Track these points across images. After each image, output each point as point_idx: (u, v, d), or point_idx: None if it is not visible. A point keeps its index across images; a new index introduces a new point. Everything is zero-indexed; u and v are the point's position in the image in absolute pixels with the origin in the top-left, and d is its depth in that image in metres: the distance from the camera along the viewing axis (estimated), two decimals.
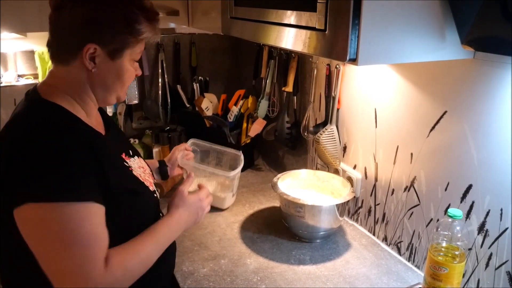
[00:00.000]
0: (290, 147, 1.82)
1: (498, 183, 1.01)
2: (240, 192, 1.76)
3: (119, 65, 0.98)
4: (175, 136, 2.03)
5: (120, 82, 1.01)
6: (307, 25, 0.89)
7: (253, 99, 1.94)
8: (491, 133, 1.01)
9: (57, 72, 0.99)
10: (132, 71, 1.03)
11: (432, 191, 1.19)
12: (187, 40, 2.16)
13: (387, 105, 1.31)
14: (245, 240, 1.42)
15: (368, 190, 1.45)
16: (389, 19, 0.83)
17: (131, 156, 1.11)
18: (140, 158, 1.17)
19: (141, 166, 1.13)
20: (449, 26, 0.89)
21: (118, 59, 0.97)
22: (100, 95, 1.02)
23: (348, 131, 1.50)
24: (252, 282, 1.20)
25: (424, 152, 1.20)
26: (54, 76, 0.99)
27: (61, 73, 0.98)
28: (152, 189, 1.09)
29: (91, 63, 0.95)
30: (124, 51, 0.98)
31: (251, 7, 1.14)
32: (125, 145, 1.15)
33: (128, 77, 1.02)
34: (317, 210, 1.33)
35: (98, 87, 1.00)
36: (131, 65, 1.02)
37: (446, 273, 1.00)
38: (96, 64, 0.96)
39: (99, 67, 0.96)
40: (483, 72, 1.00)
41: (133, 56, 1.01)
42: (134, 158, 1.12)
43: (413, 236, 1.28)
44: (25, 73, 1.90)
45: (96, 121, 1.06)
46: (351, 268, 1.28)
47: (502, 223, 1.01)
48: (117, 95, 1.04)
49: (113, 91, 1.02)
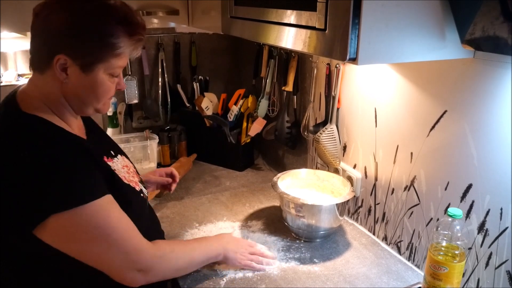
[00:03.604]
0: (290, 146, 1.82)
1: (498, 182, 1.01)
2: (240, 192, 1.76)
3: (91, 79, 0.93)
4: (175, 136, 2.03)
5: (94, 96, 0.97)
6: (307, 25, 0.90)
7: (253, 99, 1.94)
8: (491, 133, 1.01)
9: (35, 80, 0.97)
10: (109, 85, 0.97)
11: (432, 190, 1.19)
12: (187, 39, 2.16)
13: (387, 105, 1.31)
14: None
15: (368, 190, 1.45)
16: (389, 19, 0.83)
17: (113, 156, 1.09)
18: (123, 157, 1.16)
19: (125, 165, 1.12)
20: (449, 26, 0.89)
21: (90, 72, 0.92)
22: (75, 107, 0.99)
23: (348, 130, 1.50)
24: (252, 282, 1.20)
25: (424, 152, 1.20)
26: (32, 83, 0.98)
27: (38, 81, 0.96)
28: (138, 189, 1.09)
29: (63, 74, 0.92)
30: (97, 65, 0.92)
31: (251, 6, 1.14)
32: (106, 146, 1.13)
33: (103, 91, 0.96)
34: (317, 209, 1.33)
35: (72, 98, 0.96)
36: (109, 80, 0.96)
37: (446, 273, 1.00)
38: (68, 75, 0.92)
39: (70, 78, 0.92)
40: (483, 71, 1.00)
41: (109, 71, 0.95)
42: (117, 157, 1.11)
43: (413, 236, 1.28)
44: (25, 72, 1.90)
45: (77, 128, 1.04)
46: (351, 267, 1.28)
47: (502, 223, 1.01)
48: (94, 107, 1.00)
49: (88, 104, 0.98)
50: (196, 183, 1.85)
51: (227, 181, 1.88)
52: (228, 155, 2.01)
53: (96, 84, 0.94)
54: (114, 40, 0.91)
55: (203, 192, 1.76)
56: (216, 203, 1.66)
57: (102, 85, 0.95)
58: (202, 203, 1.66)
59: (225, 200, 1.69)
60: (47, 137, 0.91)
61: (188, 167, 1.92)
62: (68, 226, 0.88)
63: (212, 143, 2.03)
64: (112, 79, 0.97)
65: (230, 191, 1.77)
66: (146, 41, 2.03)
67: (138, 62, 2.06)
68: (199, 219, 1.54)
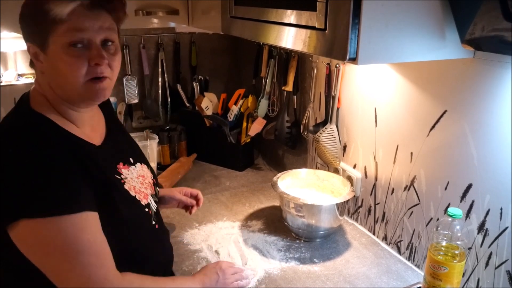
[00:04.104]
0: (290, 146, 1.82)
1: (498, 182, 1.01)
2: (240, 192, 1.76)
3: (52, 57, 0.87)
4: (175, 136, 2.03)
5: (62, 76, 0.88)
6: (307, 25, 0.89)
7: (253, 99, 1.94)
8: (491, 132, 1.01)
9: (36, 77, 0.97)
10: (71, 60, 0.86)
11: (432, 190, 1.19)
12: (187, 39, 2.16)
13: (387, 104, 1.31)
14: (245, 239, 1.42)
15: (368, 190, 1.45)
16: (389, 19, 0.83)
17: (131, 164, 1.06)
18: (143, 166, 1.12)
19: (141, 175, 1.08)
20: (449, 25, 0.89)
21: (48, 50, 0.87)
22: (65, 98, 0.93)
23: (348, 130, 1.50)
24: (252, 282, 1.20)
25: (424, 152, 1.20)
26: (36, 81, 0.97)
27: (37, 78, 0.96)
28: (144, 203, 1.03)
29: (38, 63, 0.90)
30: (47, 39, 0.86)
31: (251, 6, 1.14)
32: (125, 153, 1.08)
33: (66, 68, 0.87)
34: (317, 209, 1.33)
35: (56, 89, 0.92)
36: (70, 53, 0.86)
37: (446, 272, 1.00)
38: (42, 63, 0.89)
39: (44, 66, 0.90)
40: (483, 71, 1.00)
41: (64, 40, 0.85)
42: (135, 166, 1.07)
43: (413, 235, 1.28)
44: (25, 72, 1.90)
45: (91, 129, 1.00)
46: (351, 267, 1.28)
47: (502, 222, 1.01)
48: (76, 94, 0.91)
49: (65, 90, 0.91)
50: (196, 183, 1.85)
51: (227, 181, 1.88)
52: (228, 155, 2.01)
53: (56, 63, 0.87)
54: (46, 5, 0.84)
55: (203, 192, 1.74)
56: (216, 203, 1.66)
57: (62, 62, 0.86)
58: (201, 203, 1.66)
59: (225, 200, 1.69)
60: (41, 139, 0.87)
61: (188, 167, 1.92)
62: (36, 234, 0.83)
63: (212, 143, 2.03)
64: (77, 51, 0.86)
65: (230, 191, 1.77)
66: (146, 41, 2.05)
67: (138, 62, 2.06)
68: (199, 219, 1.54)
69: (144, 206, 1.03)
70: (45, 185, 0.82)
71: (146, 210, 1.04)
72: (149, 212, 1.04)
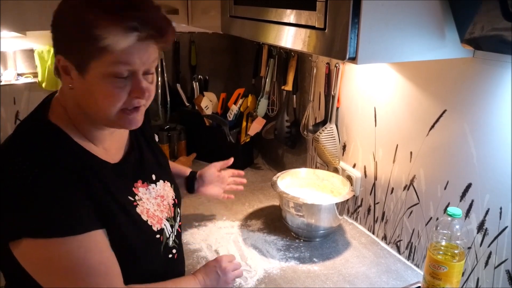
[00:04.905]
0: (290, 146, 1.82)
1: (498, 181, 1.01)
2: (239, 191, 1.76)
3: (89, 82, 0.80)
4: (175, 135, 2.03)
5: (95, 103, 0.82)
6: (306, 24, 0.89)
7: (253, 98, 1.94)
8: (490, 132, 1.01)
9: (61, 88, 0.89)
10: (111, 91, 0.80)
11: (431, 189, 1.19)
12: (187, 39, 2.16)
13: (387, 104, 1.31)
14: (244, 238, 1.42)
15: (367, 189, 1.45)
16: (388, 18, 0.82)
17: (152, 182, 1.00)
18: (165, 184, 1.06)
19: (160, 195, 1.01)
20: (448, 25, 0.89)
21: (86, 74, 0.80)
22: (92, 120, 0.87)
23: (347, 129, 1.50)
24: (251, 281, 1.20)
25: (423, 151, 1.20)
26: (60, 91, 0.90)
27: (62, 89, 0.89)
28: (156, 228, 0.96)
29: (67, 78, 0.82)
30: (89, 64, 0.79)
31: (250, 6, 1.14)
32: (148, 169, 1.02)
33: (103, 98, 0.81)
34: (317, 209, 1.33)
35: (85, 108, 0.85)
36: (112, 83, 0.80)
37: (446, 272, 1.00)
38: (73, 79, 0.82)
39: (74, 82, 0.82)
40: (482, 71, 1.00)
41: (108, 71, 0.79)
42: (155, 184, 1.01)
43: (413, 235, 1.28)
44: (25, 71, 1.90)
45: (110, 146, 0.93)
46: (350, 266, 1.28)
47: (501, 222, 1.01)
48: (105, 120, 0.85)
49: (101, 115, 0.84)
50: None
51: None
52: (227, 155, 2.00)
53: (93, 87, 0.80)
54: (98, 30, 0.75)
55: None
56: (215, 203, 1.66)
57: (101, 90, 0.80)
58: (201, 202, 1.66)
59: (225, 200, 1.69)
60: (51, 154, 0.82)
61: (188, 166, 1.92)
62: (39, 254, 0.79)
63: (212, 143, 2.03)
64: (119, 82, 0.81)
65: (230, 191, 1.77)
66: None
67: None
68: (198, 219, 1.54)
69: (155, 232, 0.96)
70: (49, 206, 0.78)
71: (157, 236, 0.97)
72: (160, 239, 0.97)
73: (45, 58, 1.86)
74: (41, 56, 1.85)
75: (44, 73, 1.86)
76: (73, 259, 0.79)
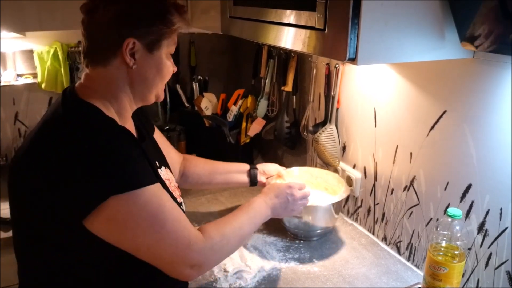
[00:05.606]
0: (290, 146, 1.82)
1: (498, 182, 1.01)
2: (239, 191, 1.76)
3: (157, 57, 0.99)
4: (174, 136, 2.03)
5: (160, 76, 1.01)
6: (306, 25, 0.89)
7: (253, 99, 1.94)
8: (490, 133, 1.01)
9: (95, 75, 0.98)
10: (170, 65, 1.03)
11: (431, 190, 1.19)
12: (186, 39, 2.16)
13: (387, 105, 1.31)
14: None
15: (367, 190, 1.45)
16: (388, 19, 0.82)
17: (157, 167, 1.09)
18: (167, 170, 1.15)
19: (167, 179, 1.11)
20: (448, 26, 0.89)
21: (156, 51, 0.98)
22: (139, 94, 1.02)
23: (347, 130, 1.50)
24: (251, 282, 1.20)
25: (423, 152, 1.20)
26: (90, 78, 0.99)
27: (98, 74, 0.98)
28: (179, 201, 1.08)
29: (132, 59, 0.95)
30: (161, 42, 0.98)
31: (250, 6, 1.13)
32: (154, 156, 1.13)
33: (166, 71, 1.02)
34: (312, 208, 1.33)
35: (138, 84, 1.00)
36: (168, 59, 1.02)
37: (446, 273, 1.00)
38: (136, 60, 0.96)
39: (138, 62, 0.97)
40: (482, 71, 1.00)
41: (169, 48, 1.01)
42: (161, 169, 1.10)
43: (413, 236, 1.28)
44: (24, 72, 1.90)
45: (129, 127, 1.05)
46: (350, 267, 1.28)
47: (501, 223, 1.01)
48: (157, 92, 1.04)
49: (153, 87, 1.03)
50: None
51: None
52: (227, 155, 2.00)
53: (162, 63, 1.00)
54: (170, 16, 0.97)
55: (202, 193, 1.75)
56: (215, 203, 1.66)
57: (166, 64, 1.01)
58: (201, 203, 1.66)
59: (224, 200, 1.69)
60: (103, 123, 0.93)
61: None
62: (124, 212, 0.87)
63: (211, 143, 2.03)
64: (170, 59, 1.03)
65: (230, 191, 1.77)
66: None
67: None
68: (198, 219, 1.53)
69: (179, 203, 1.07)
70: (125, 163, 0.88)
71: (181, 207, 1.08)
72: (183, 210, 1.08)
73: (45, 58, 1.85)
74: (41, 57, 1.85)
75: (43, 74, 1.86)
76: (153, 207, 0.89)
